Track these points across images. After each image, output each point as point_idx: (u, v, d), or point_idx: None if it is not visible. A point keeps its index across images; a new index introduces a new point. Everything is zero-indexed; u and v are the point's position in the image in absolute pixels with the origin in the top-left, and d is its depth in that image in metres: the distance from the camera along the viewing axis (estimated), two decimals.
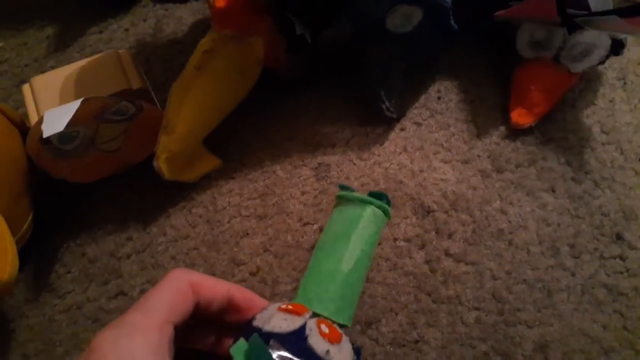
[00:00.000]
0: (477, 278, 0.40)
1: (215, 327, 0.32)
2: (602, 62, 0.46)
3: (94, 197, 0.46)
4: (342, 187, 0.38)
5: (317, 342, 0.27)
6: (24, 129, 0.42)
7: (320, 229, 0.43)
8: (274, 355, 0.26)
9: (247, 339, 0.27)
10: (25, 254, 0.42)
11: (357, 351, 0.31)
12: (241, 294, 0.31)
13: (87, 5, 0.57)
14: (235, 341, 0.28)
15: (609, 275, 0.40)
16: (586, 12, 0.42)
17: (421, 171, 0.45)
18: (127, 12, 0.57)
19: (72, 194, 0.45)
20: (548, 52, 0.46)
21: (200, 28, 0.55)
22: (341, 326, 0.32)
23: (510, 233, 0.42)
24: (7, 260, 0.35)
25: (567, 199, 0.43)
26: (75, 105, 0.35)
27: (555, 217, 0.43)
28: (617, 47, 0.45)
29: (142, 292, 0.41)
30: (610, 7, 0.43)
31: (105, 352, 0.24)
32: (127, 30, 0.56)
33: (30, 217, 0.41)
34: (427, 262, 0.41)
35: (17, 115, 0.42)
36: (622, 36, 0.44)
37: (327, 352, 0.27)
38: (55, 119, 0.34)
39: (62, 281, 0.42)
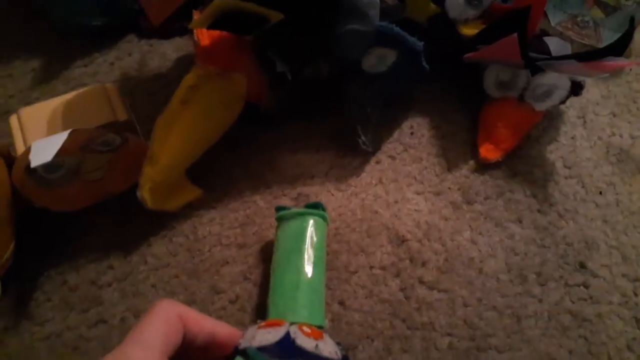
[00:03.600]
0: (450, 305, 0.42)
1: None
2: (563, 102, 0.49)
3: (75, 225, 0.46)
4: (278, 209, 0.41)
5: (304, 341, 0.29)
6: (9, 158, 0.42)
7: None
8: None
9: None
10: (4, 281, 0.41)
11: (338, 344, 0.32)
12: (225, 330, 0.31)
13: (71, 37, 0.58)
14: None
15: (573, 302, 0.42)
16: (547, 56, 0.45)
17: (396, 202, 0.47)
18: (112, 47, 0.58)
19: (53, 222, 0.46)
20: (513, 92, 0.49)
21: (183, 63, 0.56)
22: (318, 327, 0.33)
23: (481, 262, 0.44)
24: None
25: (533, 229, 0.46)
26: (63, 136, 0.36)
27: (522, 247, 0.45)
28: (576, 88, 0.48)
29: (123, 320, 0.42)
30: (569, 52, 0.46)
31: None
32: (112, 64, 0.57)
33: (12, 246, 0.41)
34: (401, 289, 0.43)
35: (2, 145, 0.42)
36: (580, 78, 0.48)
37: (316, 346, 0.29)
38: (43, 149, 0.35)
39: (42, 309, 0.42)
